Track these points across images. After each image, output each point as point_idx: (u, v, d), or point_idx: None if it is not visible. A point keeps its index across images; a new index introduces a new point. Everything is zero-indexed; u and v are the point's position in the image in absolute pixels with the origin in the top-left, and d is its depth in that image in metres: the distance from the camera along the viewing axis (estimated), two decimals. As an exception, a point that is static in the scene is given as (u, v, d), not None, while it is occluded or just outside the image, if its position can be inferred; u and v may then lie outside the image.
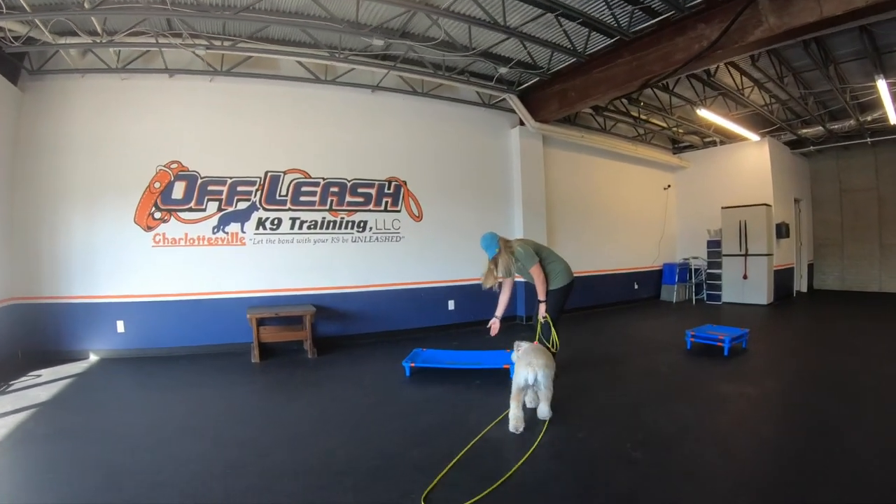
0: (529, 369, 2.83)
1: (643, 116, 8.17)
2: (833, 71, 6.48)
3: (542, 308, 3.58)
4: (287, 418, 3.19)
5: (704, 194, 9.30)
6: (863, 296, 9.13)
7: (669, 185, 9.67)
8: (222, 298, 5.18)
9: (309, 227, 5.54)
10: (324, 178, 5.62)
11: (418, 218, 6.16)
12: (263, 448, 2.65)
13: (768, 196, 8.43)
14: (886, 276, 9.17)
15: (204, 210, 5.15)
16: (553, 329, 3.55)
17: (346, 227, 5.74)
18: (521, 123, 6.78)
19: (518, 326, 6.31)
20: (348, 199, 5.73)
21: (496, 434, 2.76)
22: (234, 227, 5.26)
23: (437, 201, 6.25)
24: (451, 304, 6.29)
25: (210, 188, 5.16)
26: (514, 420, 2.79)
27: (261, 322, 4.80)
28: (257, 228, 5.33)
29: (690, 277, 8.88)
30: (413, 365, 4.10)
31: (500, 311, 3.74)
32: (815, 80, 7.09)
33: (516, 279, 3.86)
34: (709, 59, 4.83)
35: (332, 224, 5.66)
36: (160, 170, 5.00)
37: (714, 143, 9.34)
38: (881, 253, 9.21)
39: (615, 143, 8.25)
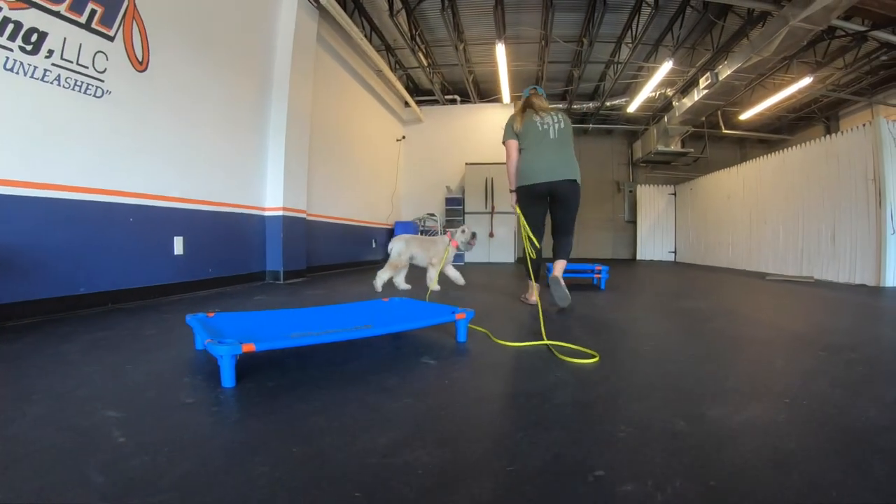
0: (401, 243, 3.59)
1: (422, 47, 6.67)
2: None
3: None
4: None
5: (443, 150, 8.80)
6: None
7: (404, 137, 8.73)
8: None
9: None
10: None
11: (142, 66, 2.82)
12: None
13: (507, 157, 8.64)
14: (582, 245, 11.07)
15: None
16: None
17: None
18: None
19: (271, 288, 3.41)
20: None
21: None
22: None
23: (178, 50, 3.10)
24: (177, 246, 3.17)
25: None
26: (380, 281, 3.53)
27: None
28: None
29: (422, 238, 8.16)
30: (250, 349, 1.19)
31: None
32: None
33: None
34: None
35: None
36: None
37: (454, 102, 8.85)
38: (581, 227, 11.12)
39: (367, 72, 6.43)
